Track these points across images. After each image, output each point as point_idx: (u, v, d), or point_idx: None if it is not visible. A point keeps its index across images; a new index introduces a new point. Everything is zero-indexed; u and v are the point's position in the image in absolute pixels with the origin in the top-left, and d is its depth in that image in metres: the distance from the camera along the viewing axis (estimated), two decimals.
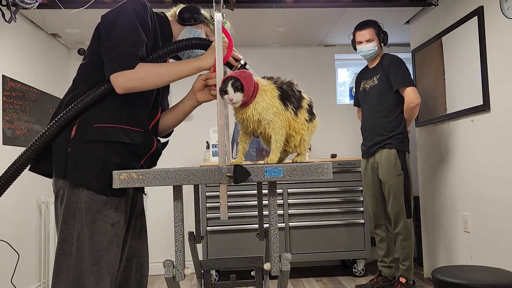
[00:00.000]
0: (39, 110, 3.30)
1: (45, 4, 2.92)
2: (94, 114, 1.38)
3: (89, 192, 1.34)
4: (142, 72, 1.35)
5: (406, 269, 3.02)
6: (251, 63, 1.72)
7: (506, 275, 2.04)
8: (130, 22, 1.37)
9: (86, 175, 1.33)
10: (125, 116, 1.41)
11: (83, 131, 1.36)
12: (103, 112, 1.38)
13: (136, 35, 1.37)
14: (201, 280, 2.27)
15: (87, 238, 1.33)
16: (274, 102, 1.34)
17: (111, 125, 1.38)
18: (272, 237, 1.26)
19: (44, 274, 3.28)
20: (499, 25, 2.54)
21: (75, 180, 1.33)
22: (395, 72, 2.99)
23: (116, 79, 1.33)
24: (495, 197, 2.62)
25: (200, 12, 1.61)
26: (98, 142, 1.35)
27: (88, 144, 1.35)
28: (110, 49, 1.35)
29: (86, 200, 1.34)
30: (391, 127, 3.01)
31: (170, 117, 1.64)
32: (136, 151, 1.44)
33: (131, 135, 1.41)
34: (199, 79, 1.56)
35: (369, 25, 3.08)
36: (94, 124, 1.36)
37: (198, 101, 1.58)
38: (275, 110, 1.34)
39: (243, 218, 3.53)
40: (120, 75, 1.33)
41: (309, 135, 1.44)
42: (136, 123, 1.44)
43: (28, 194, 3.12)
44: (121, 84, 1.33)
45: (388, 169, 2.98)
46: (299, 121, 1.39)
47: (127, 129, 1.40)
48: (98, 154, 1.35)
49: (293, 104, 1.38)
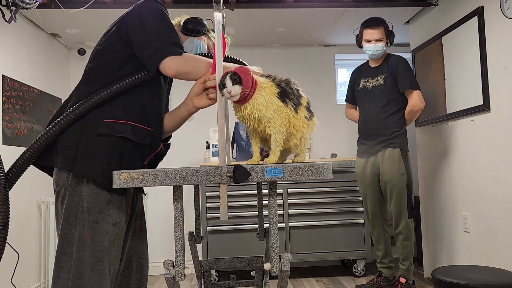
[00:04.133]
0: (39, 110, 3.30)
1: (45, 4, 2.92)
2: (105, 110, 1.39)
3: (93, 187, 1.34)
4: (191, 61, 1.42)
5: (406, 269, 3.01)
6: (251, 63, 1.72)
7: (506, 275, 2.04)
8: (161, 16, 1.42)
9: (93, 169, 1.34)
10: (137, 112, 1.43)
11: (93, 125, 1.37)
12: (115, 108, 1.40)
13: (172, 27, 1.44)
14: (201, 280, 2.27)
15: (88, 238, 1.33)
16: (274, 100, 1.34)
17: (121, 121, 1.40)
18: (272, 237, 1.26)
19: (44, 274, 3.28)
20: (499, 25, 2.54)
21: (81, 174, 1.34)
22: (403, 74, 2.98)
23: (169, 62, 1.36)
24: (495, 197, 2.62)
25: (204, 25, 1.69)
26: (108, 137, 1.37)
27: (98, 139, 1.36)
28: (150, 42, 1.38)
29: (88, 200, 1.34)
30: (395, 127, 3.00)
31: (166, 123, 1.63)
32: (142, 150, 1.45)
33: (139, 133, 1.42)
34: (197, 83, 1.53)
35: (381, 24, 3.04)
36: (104, 119, 1.38)
37: (195, 107, 1.54)
38: (275, 107, 1.33)
39: (243, 218, 3.53)
40: (174, 59, 1.36)
41: (309, 133, 1.44)
42: (146, 121, 1.46)
43: (28, 194, 3.12)
44: (175, 67, 1.37)
45: (391, 169, 2.97)
46: (299, 118, 1.39)
47: (137, 127, 1.42)
48: (106, 149, 1.36)
49: (292, 101, 1.38)
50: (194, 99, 1.54)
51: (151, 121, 1.48)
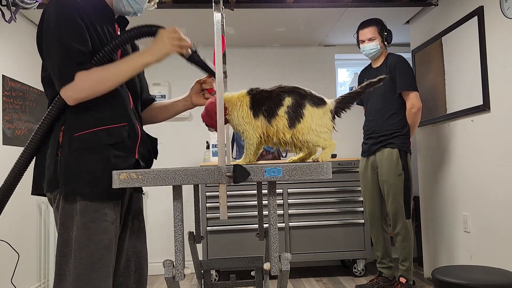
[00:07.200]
0: (39, 110, 3.30)
1: (45, 4, 2.92)
2: (74, 123, 1.35)
3: (84, 201, 1.34)
4: (85, 82, 1.31)
5: (406, 269, 3.01)
6: (251, 63, 1.73)
7: (506, 275, 2.04)
8: (57, 34, 1.32)
9: (78, 185, 1.32)
10: (107, 114, 1.39)
11: (67, 143, 1.34)
12: (83, 118, 1.36)
13: (74, 32, 1.32)
14: (201, 280, 2.27)
15: (86, 238, 1.33)
16: (246, 112, 1.38)
17: (91, 130, 1.35)
18: (272, 237, 1.26)
19: (44, 274, 3.28)
20: (499, 25, 2.54)
21: (69, 192, 1.33)
22: (400, 75, 2.98)
23: (65, 94, 1.32)
24: (495, 197, 2.62)
25: None
26: (83, 151, 1.34)
27: (74, 154, 1.33)
28: (49, 66, 1.34)
29: (82, 203, 1.34)
30: (395, 127, 3.00)
31: (160, 112, 1.65)
32: (125, 146, 1.41)
33: (114, 133, 1.38)
34: (197, 82, 1.60)
35: (372, 23, 3.06)
36: (75, 134, 1.34)
37: (192, 103, 1.61)
38: (247, 120, 1.38)
39: (243, 218, 3.53)
40: (66, 90, 1.31)
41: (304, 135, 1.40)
42: (118, 119, 1.41)
43: (28, 194, 3.12)
44: (71, 96, 1.31)
45: (389, 169, 2.98)
46: (274, 128, 1.37)
47: (109, 129, 1.38)
48: (85, 163, 1.33)
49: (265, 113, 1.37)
50: (193, 96, 1.61)
51: (121, 115, 1.42)
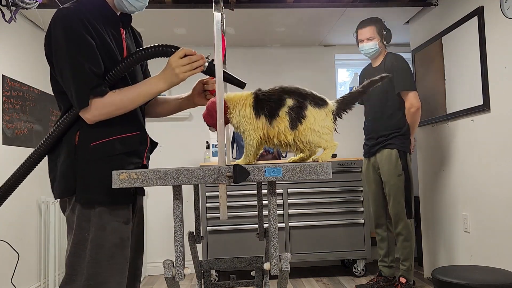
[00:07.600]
0: (39, 110, 3.30)
1: (45, 4, 2.92)
2: (89, 133, 1.39)
3: (101, 206, 1.38)
4: (101, 109, 1.36)
5: (407, 269, 3.01)
6: (251, 63, 1.73)
7: (506, 275, 2.04)
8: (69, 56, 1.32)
9: (97, 194, 1.37)
10: (121, 123, 1.43)
11: (83, 152, 1.38)
12: (98, 128, 1.40)
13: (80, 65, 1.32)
14: (201, 280, 2.27)
15: (102, 239, 1.36)
16: (248, 112, 1.37)
17: (106, 140, 1.40)
18: (272, 237, 1.26)
19: (44, 274, 3.28)
20: (499, 25, 2.54)
21: (88, 200, 1.37)
22: (398, 75, 2.97)
23: (83, 115, 1.36)
24: (495, 197, 2.62)
25: None
26: (100, 160, 1.38)
27: (91, 164, 1.37)
28: (66, 89, 1.36)
29: (99, 208, 1.38)
30: (394, 127, 3.00)
31: (161, 108, 1.68)
32: (136, 153, 1.47)
33: (127, 142, 1.44)
34: (199, 82, 1.60)
35: (370, 23, 3.07)
36: (91, 143, 1.38)
37: (194, 103, 1.63)
38: (248, 120, 1.37)
39: (243, 218, 3.53)
40: (83, 113, 1.36)
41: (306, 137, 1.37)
42: (131, 128, 1.47)
43: (28, 194, 3.12)
44: (88, 119, 1.37)
45: (388, 169, 2.98)
46: (275, 130, 1.36)
47: (123, 138, 1.43)
48: (103, 172, 1.37)
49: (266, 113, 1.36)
50: (196, 96, 1.61)
51: (134, 124, 1.48)
